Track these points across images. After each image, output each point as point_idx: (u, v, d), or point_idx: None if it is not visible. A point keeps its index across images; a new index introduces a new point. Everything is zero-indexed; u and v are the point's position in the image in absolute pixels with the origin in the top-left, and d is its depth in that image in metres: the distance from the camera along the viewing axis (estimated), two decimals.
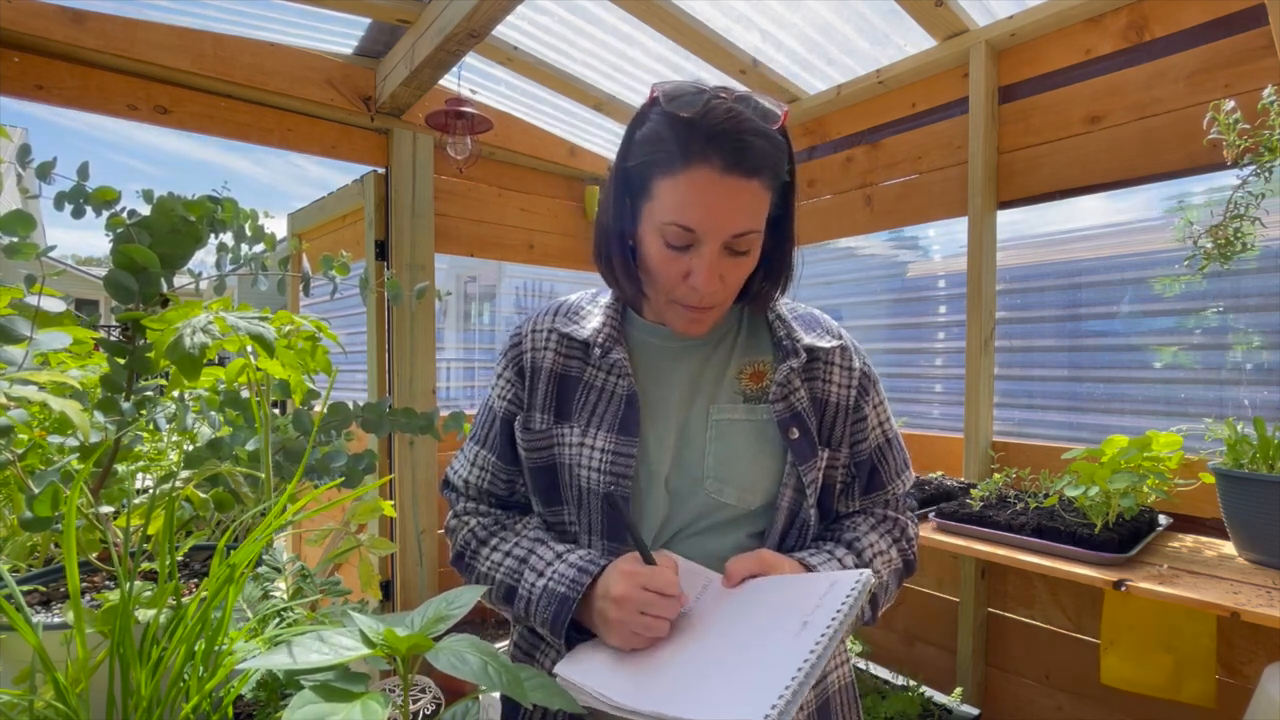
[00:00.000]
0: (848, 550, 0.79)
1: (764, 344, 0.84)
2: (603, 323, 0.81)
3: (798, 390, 0.79)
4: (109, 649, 0.47)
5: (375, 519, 0.87)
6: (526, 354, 0.83)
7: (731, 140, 0.68)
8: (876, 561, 0.79)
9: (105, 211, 0.88)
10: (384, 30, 2.11)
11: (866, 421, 0.84)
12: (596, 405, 0.79)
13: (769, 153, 0.69)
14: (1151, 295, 1.61)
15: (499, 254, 2.72)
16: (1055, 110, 1.71)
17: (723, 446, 0.77)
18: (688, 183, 0.68)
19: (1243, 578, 1.19)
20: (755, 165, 0.69)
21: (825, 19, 1.87)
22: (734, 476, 0.77)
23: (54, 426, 0.88)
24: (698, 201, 0.68)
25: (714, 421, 0.79)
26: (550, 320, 0.84)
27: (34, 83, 1.76)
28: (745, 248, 0.72)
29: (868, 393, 0.85)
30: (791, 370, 0.78)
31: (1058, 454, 1.64)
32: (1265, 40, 1.38)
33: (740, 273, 0.74)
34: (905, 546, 0.85)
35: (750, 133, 0.68)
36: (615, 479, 0.75)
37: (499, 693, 0.45)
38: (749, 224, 0.70)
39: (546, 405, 0.81)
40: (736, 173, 0.68)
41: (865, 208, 2.16)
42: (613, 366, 0.79)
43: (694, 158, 0.68)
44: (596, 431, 0.77)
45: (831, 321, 0.88)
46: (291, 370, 0.96)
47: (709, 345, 0.83)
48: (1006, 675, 1.80)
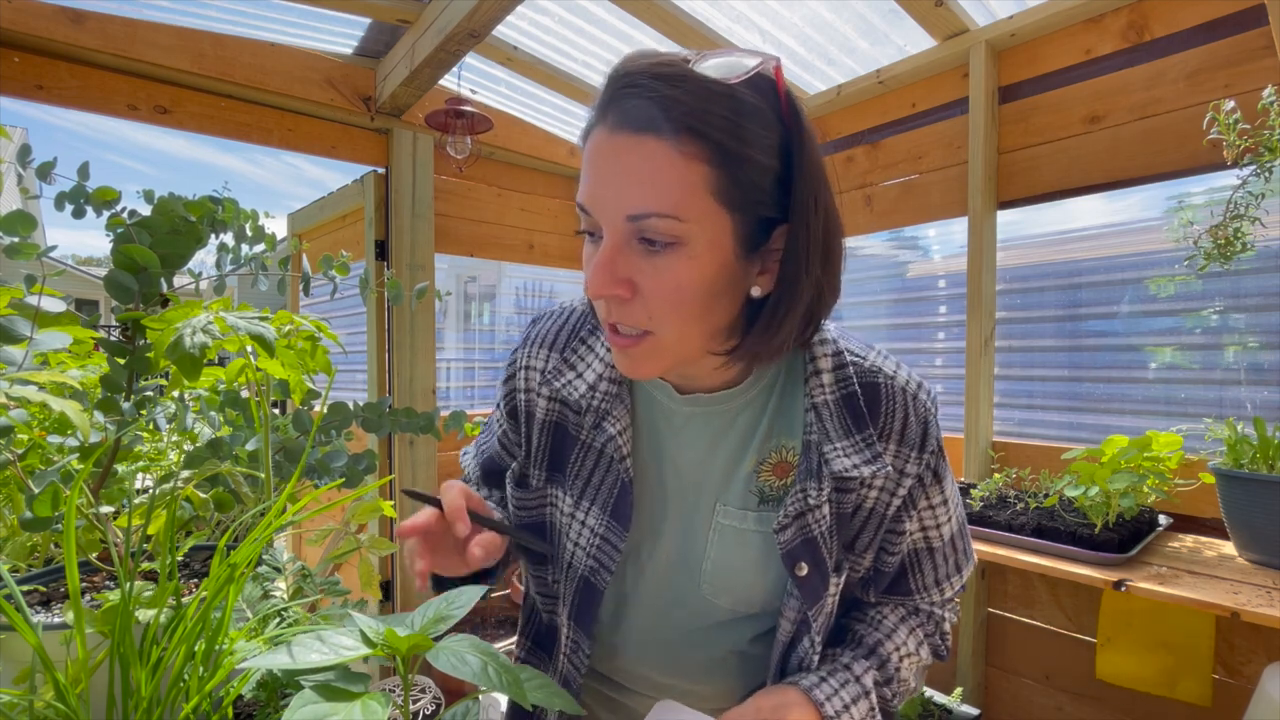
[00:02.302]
0: (868, 659, 0.66)
1: (799, 424, 0.65)
2: (600, 374, 0.66)
3: (818, 509, 0.61)
4: (109, 649, 0.47)
5: (375, 519, 0.87)
6: (520, 395, 0.72)
7: (619, 82, 0.51)
8: (903, 668, 0.67)
9: (105, 211, 0.88)
10: (384, 30, 2.11)
11: (903, 535, 0.67)
12: (593, 473, 0.67)
13: (679, 104, 0.49)
14: (1151, 295, 1.61)
15: (499, 254, 2.72)
16: (1055, 110, 1.71)
17: (723, 554, 0.65)
18: (587, 149, 0.54)
19: (1243, 578, 1.19)
20: (645, 117, 0.49)
21: (825, 19, 1.87)
22: (732, 588, 0.66)
23: (54, 426, 0.88)
24: (587, 172, 0.53)
25: (718, 524, 0.65)
26: (543, 359, 0.69)
27: (34, 83, 1.76)
28: (663, 237, 0.51)
29: (915, 503, 0.66)
30: (806, 505, 0.61)
31: (1058, 454, 1.64)
32: (1265, 40, 1.38)
33: (661, 283, 0.52)
34: (938, 642, 0.73)
35: (655, 76, 0.50)
36: (599, 566, 0.66)
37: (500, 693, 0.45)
38: (647, 201, 0.50)
39: (539, 460, 0.71)
40: (626, 128, 0.50)
41: (865, 208, 2.16)
42: (608, 441, 0.65)
43: (595, 115, 0.53)
44: (590, 506, 0.67)
45: (902, 391, 0.64)
46: (291, 370, 0.96)
47: (725, 417, 0.65)
48: (1006, 675, 1.80)
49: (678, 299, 0.53)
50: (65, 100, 1.82)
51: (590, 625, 0.68)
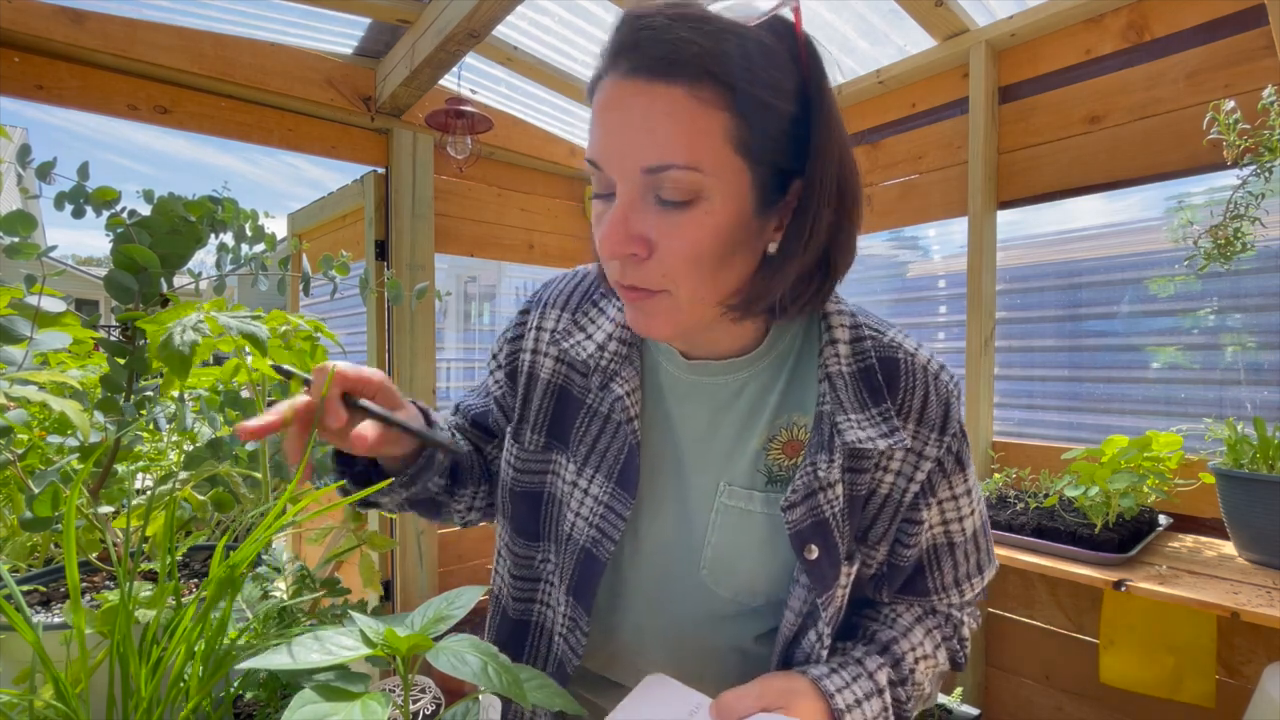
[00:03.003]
0: (882, 656, 0.61)
1: (812, 399, 0.61)
2: (609, 335, 0.64)
3: (830, 489, 0.57)
4: (109, 649, 0.47)
5: (375, 519, 0.87)
6: (525, 355, 0.69)
7: (642, 27, 0.47)
8: (917, 670, 0.62)
9: (105, 211, 0.88)
10: (384, 30, 2.11)
11: (921, 525, 0.62)
12: (598, 439, 0.63)
13: (703, 46, 0.45)
14: (1151, 295, 1.61)
15: (499, 254, 2.72)
16: (1055, 110, 1.71)
17: (725, 539, 0.61)
18: (597, 102, 0.50)
19: (1243, 578, 1.19)
20: (666, 62, 0.46)
21: (825, 19, 1.87)
22: (733, 577, 0.62)
23: (54, 426, 0.88)
24: (597, 123, 0.50)
25: (722, 505, 0.61)
26: (554, 319, 0.68)
27: (34, 83, 1.76)
28: (677, 195, 0.48)
29: (934, 490, 0.61)
30: (817, 469, 0.56)
31: (1058, 454, 1.64)
32: (1265, 40, 1.38)
33: (679, 240, 0.49)
34: (956, 647, 0.67)
35: (671, 18, 0.46)
36: (601, 536, 0.62)
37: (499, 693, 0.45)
38: (664, 153, 0.47)
39: (539, 424, 0.67)
40: (641, 74, 0.47)
41: (865, 208, 2.16)
42: (615, 401, 0.62)
43: (605, 65, 0.50)
44: (594, 474, 0.63)
45: (923, 370, 0.61)
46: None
47: (730, 388, 0.62)
48: (1006, 675, 1.80)
49: (695, 256, 0.50)
50: (65, 100, 1.82)
51: (590, 602, 0.62)
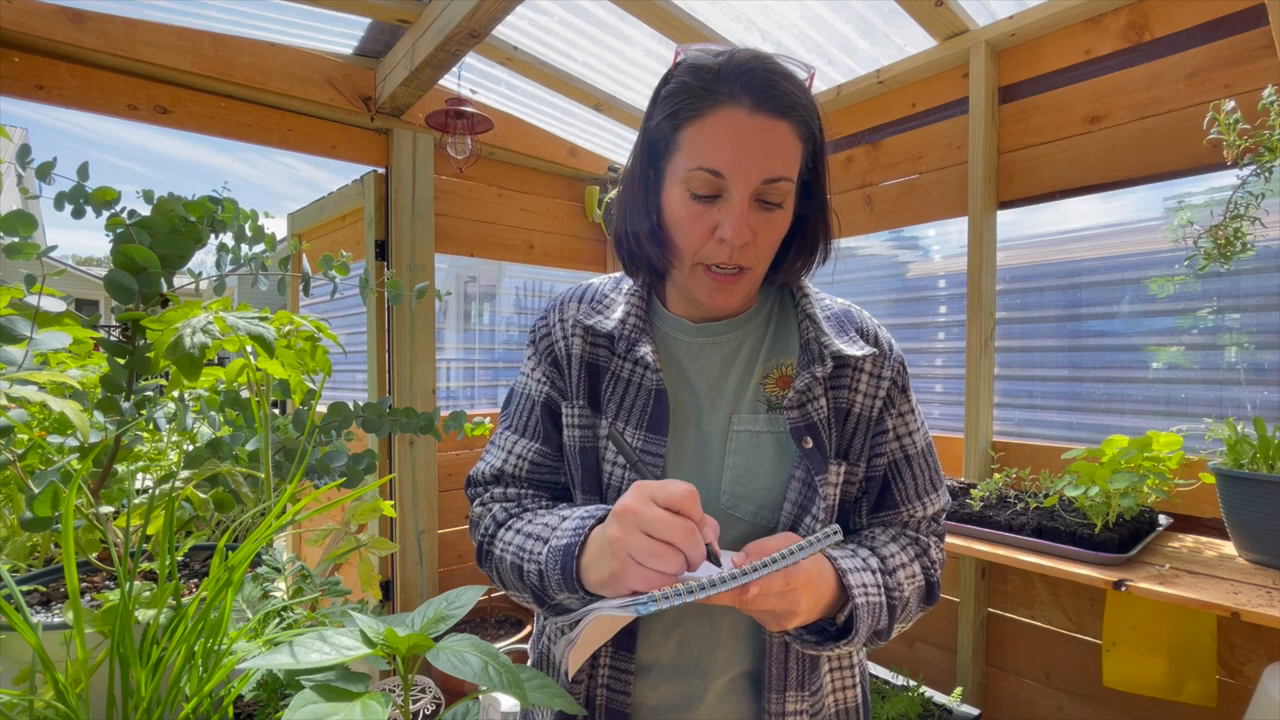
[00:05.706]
0: (871, 553, 0.73)
1: (793, 344, 0.78)
2: (627, 312, 0.77)
3: (818, 399, 0.73)
4: (109, 649, 0.47)
5: (375, 519, 0.87)
6: (559, 343, 0.80)
7: (760, 77, 0.64)
8: (900, 573, 0.72)
9: (105, 211, 0.88)
10: (384, 30, 2.11)
11: (886, 434, 0.77)
12: (624, 397, 0.76)
13: (798, 97, 0.66)
14: (1151, 295, 1.61)
15: (499, 254, 2.72)
16: (1055, 110, 1.71)
17: (741, 460, 0.73)
18: (715, 124, 0.65)
19: (1243, 578, 1.19)
20: (785, 105, 0.65)
21: (825, 19, 1.87)
22: (751, 493, 0.73)
23: (54, 426, 0.88)
24: (725, 143, 0.65)
25: (734, 433, 0.74)
26: (575, 309, 0.81)
27: (34, 83, 1.76)
28: (778, 199, 0.67)
29: (894, 403, 0.77)
30: (814, 379, 0.72)
31: (1058, 454, 1.64)
32: (1265, 40, 1.38)
33: (772, 231, 0.69)
34: (927, 564, 0.77)
35: (777, 74, 0.66)
36: (639, 478, 0.68)
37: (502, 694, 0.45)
38: (781, 169, 0.66)
39: (580, 391, 0.78)
40: (766, 111, 0.64)
41: (865, 208, 2.16)
42: (638, 361, 0.75)
43: (721, 97, 0.65)
44: (625, 426, 0.74)
45: (869, 321, 0.82)
46: (291, 370, 0.96)
47: (733, 343, 0.78)
48: (1006, 675, 1.80)
49: (775, 243, 0.71)
50: (65, 100, 1.82)
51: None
